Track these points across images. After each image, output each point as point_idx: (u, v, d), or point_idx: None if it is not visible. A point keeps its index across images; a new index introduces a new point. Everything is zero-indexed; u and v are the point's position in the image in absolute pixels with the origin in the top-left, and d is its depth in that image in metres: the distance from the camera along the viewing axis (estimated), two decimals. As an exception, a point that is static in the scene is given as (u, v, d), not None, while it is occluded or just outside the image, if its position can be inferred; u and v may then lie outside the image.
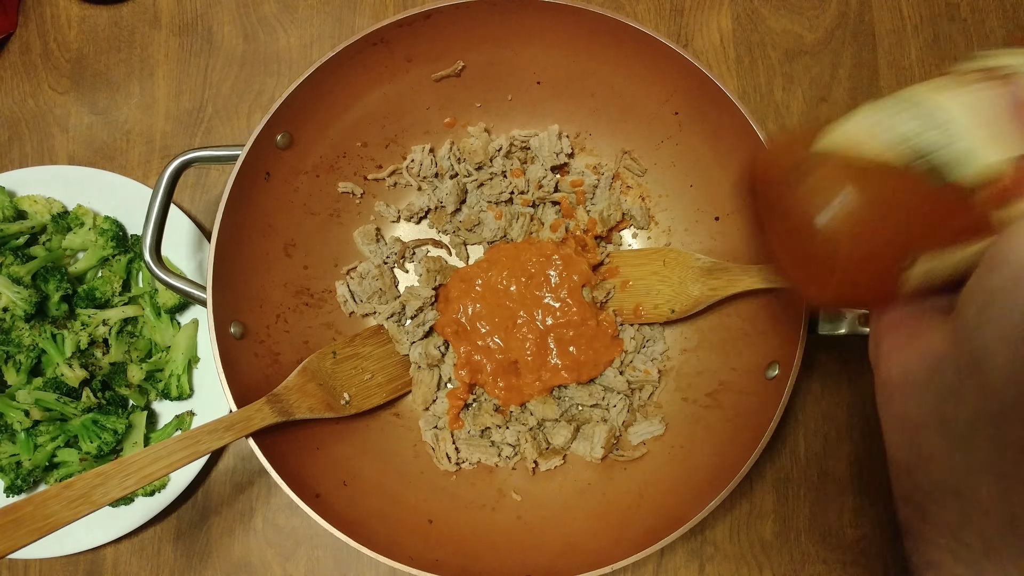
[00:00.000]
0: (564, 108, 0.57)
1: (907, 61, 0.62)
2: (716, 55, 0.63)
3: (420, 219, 0.60)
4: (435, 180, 0.59)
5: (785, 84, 0.62)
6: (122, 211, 0.59)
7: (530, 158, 0.59)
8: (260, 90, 0.63)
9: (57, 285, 0.56)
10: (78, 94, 0.63)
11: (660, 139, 0.56)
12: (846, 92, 0.62)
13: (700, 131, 0.54)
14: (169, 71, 0.64)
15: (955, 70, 0.30)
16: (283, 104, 0.49)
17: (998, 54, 0.30)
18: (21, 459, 0.55)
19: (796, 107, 0.62)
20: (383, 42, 0.51)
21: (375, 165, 0.58)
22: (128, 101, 0.63)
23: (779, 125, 0.61)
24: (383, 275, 0.57)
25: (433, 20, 0.51)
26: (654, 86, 0.53)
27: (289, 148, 0.52)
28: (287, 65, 0.63)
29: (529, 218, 0.58)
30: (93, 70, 0.64)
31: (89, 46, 0.64)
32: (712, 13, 0.63)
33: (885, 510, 0.55)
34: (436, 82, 0.55)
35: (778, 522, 0.56)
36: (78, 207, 0.59)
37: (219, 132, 0.62)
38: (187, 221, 0.58)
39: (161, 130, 0.63)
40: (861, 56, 0.62)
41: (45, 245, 0.59)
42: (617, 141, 0.58)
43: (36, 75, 0.64)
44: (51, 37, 0.64)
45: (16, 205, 0.58)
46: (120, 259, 0.58)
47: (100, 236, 0.58)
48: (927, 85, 0.30)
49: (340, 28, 0.64)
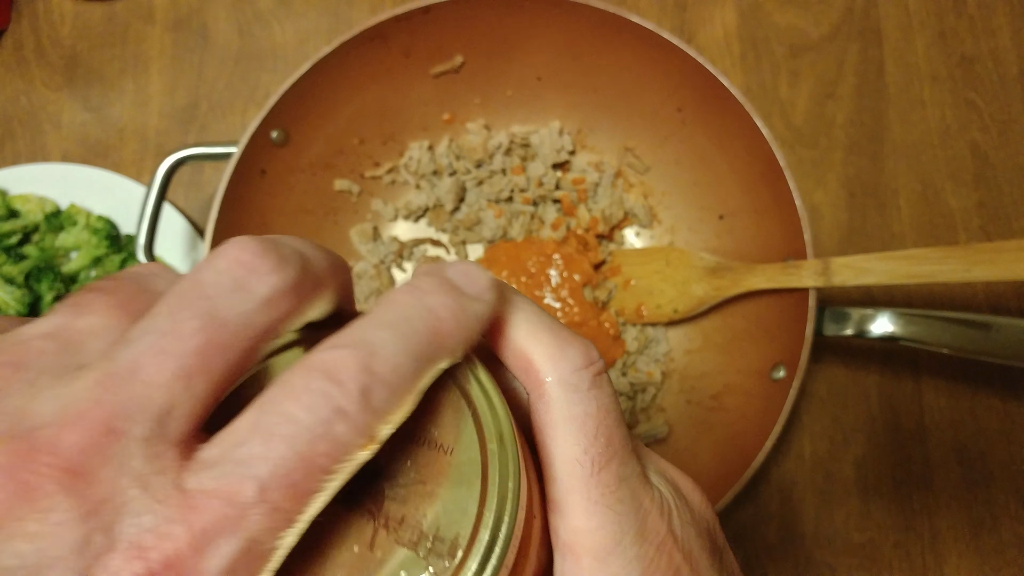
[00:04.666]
0: (565, 104, 0.57)
1: (913, 57, 0.61)
2: (720, 50, 0.62)
3: (418, 218, 0.59)
4: (433, 178, 0.58)
5: (790, 80, 0.61)
6: (116, 209, 0.58)
7: (530, 155, 0.58)
8: (255, 86, 0.62)
9: (50, 285, 0.55)
10: (71, 91, 0.63)
11: (663, 136, 0.55)
12: (852, 88, 0.61)
13: (704, 128, 0.53)
14: (163, 67, 0.63)
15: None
16: (278, 101, 0.48)
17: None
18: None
19: (802, 104, 0.61)
20: (380, 37, 0.50)
21: (372, 162, 0.57)
22: (122, 98, 0.62)
23: (784, 122, 0.60)
24: (381, 275, 0.56)
25: (432, 14, 0.50)
26: (657, 82, 0.52)
27: (285, 145, 0.51)
28: (283, 61, 0.62)
29: (530, 216, 0.57)
30: (86, 67, 0.63)
31: (82, 42, 0.63)
32: (716, 8, 0.62)
33: (890, 514, 0.54)
34: (435, 78, 0.54)
35: (783, 526, 0.55)
36: (71, 206, 0.58)
37: (214, 129, 0.61)
38: (181, 220, 0.57)
39: (155, 127, 0.62)
40: (867, 52, 0.61)
41: (38, 244, 0.58)
42: (619, 138, 0.57)
43: (29, 72, 0.63)
44: (44, 33, 0.63)
45: (8, 204, 0.57)
46: (113, 259, 0.57)
47: (93, 235, 0.57)
48: None
49: (337, 23, 0.63)
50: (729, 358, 0.53)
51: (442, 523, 0.15)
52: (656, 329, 0.56)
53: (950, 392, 0.55)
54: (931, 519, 0.54)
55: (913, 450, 0.55)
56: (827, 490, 0.56)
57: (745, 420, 0.50)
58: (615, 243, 0.58)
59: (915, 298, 0.57)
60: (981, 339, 0.46)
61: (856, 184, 0.59)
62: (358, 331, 0.15)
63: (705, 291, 0.52)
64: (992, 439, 0.54)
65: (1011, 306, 0.57)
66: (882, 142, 0.60)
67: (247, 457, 0.13)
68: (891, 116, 0.60)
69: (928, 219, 0.58)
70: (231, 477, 0.13)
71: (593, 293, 0.55)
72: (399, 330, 0.15)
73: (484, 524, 0.15)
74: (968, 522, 0.53)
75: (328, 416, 0.14)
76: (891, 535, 0.55)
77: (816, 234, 0.58)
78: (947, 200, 0.58)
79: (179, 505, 0.13)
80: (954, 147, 0.59)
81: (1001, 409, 0.55)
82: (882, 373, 0.56)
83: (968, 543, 0.53)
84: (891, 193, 0.59)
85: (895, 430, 0.55)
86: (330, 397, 0.14)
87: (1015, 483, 0.54)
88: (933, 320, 0.46)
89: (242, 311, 0.14)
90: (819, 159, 0.60)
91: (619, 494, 0.18)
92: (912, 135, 0.60)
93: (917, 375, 0.56)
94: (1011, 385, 0.55)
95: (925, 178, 0.59)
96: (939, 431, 0.55)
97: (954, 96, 0.60)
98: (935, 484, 0.54)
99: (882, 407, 0.56)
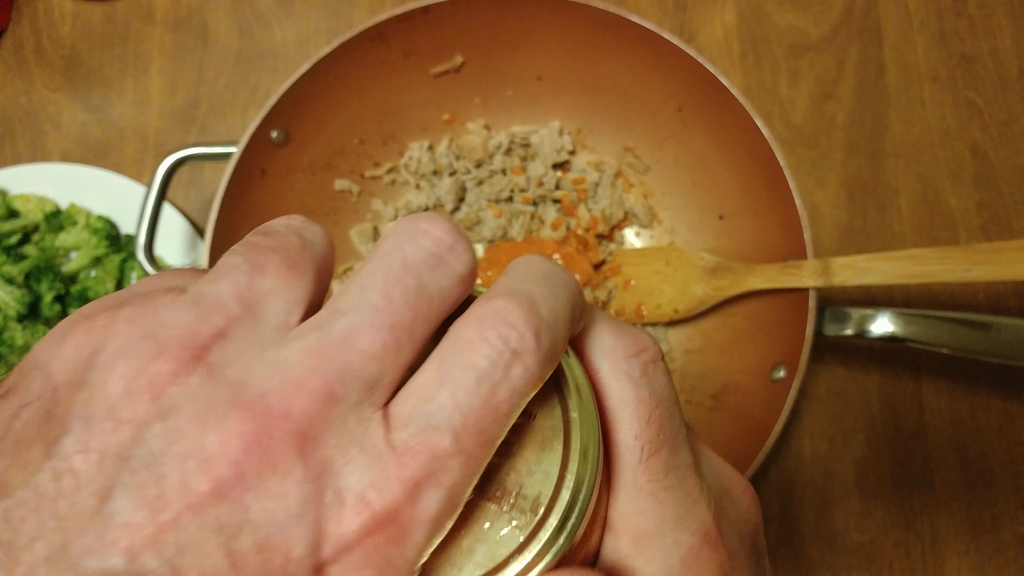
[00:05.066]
0: (565, 104, 0.57)
1: (914, 57, 0.61)
2: (720, 51, 0.62)
3: (419, 218, 0.59)
4: (433, 178, 0.58)
5: (790, 80, 0.61)
6: (115, 209, 0.58)
7: (531, 155, 0.58)
8: (256, 86, 0.62)
9: (50, 285, 0.55)
10: (71, 91, 0.63)
11: (663, 136, 0.55)
12: (852, 89, 0.61)
13: (704, 128, 0.53)
14: (163, 67, 0.63)
15: None
16: (278, 101, 0.48)
17: None
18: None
19: (802, 104, 0.61)
20: (380, 37, 0.50)
21: (372, 162, 0.57)
22: (122, 98, 0.62)
23: (784, 122, 0.60)
24: (381, 275, 0.56)
25: (432, 14, 0.50)
26: (657, 82, 0.52)
27: (285, 145, 0.51)
28: (283, 61, 0.62)
29: (530, 216, 0.57)
30: (87, 67, 0.63)
31: (83, 42, 0.63)
32: (716, 8, 0.62)
33: (890, 514, 0.54)
34: (435, 78, 0.54)
35: (783, 526, 0.55)
36: (71, 206, 0.58)
37: (214, 129, 0.61)
38: (181, 220, 0.57)
39: (155, 127, 0.62)
40: (867, 52, 0.61)
41: (38, 244, 0.58)
42: (619, 138, 0.57)
43: (29, 72, 0.63)
44: (44, 33, 0.63)
45: (8, 204, 0.57)
46: (113, 259, 0.57)
47: (93, 235, 0.57)
48: None
49: (337, 23, 0.63)
50: (729, 358, 0.53)
51: (525, 482, 0.16)
52: (656, 329, 0.56)
53: (950, 392, 0.55)
54: (931, 519, 0.54)
55: (913, 450, 0.55)
56: (827, 490, 0.56)
57: (745, 420, 0.50)
58: (615, 243, 0.58)
59: (915, 298, 0.57)
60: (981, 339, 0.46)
61: (856, 184, 0.59)
62: (510, 284, 0.16)
63: (705, 291, 0.52)
64: (992, 439, 0.54)
65: (1011, 306, 0.57)
66: (882, 142, 0.60)
67: (438, 410, 0.14)
68: (891, 116, 0.60)
69: (928, 219, 0.58)
70: (429, 431, 0.14)
71: (593, 293, 0.55)
72: (547, 283, 0.16)
73: (566, 486, 0.16)
74: (968, 522, 0.53)
75: (507, 360, 0.15)
76: (891, 535, 0.54)
77: (816, 234, 0.58)
78: (947, 200, 0.58)
79: (391, 462, 0.14)
80: (954, 147, 0.59)
81: (1001, 409, 0.55)
82: (882, 373, 0.56)
83: (968, 543, 0.53)
84: (891, 193, 0.59)
85: (895, 430, 0.55)
86: (507, 341, 0.15)
87: (1015, 483, 0.54)
88: (933, 320, 0.46)
89: (444, 287, 0.16)
90: (819, 159, 0.60)
91: (665, 482, 0.18)
92: (912, 135, 0.60)
93: (917, 375, 0.56)
94: (1011, 385, 0.55)
95: (925, 178, 0.59)
96: (939, 431, 0.55)
97: (954, 96, 0.60)
98: (935, 484, 0.54)
99: (882, 407, 0.56)
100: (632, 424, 0.18)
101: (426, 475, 0.14)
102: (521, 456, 0.17)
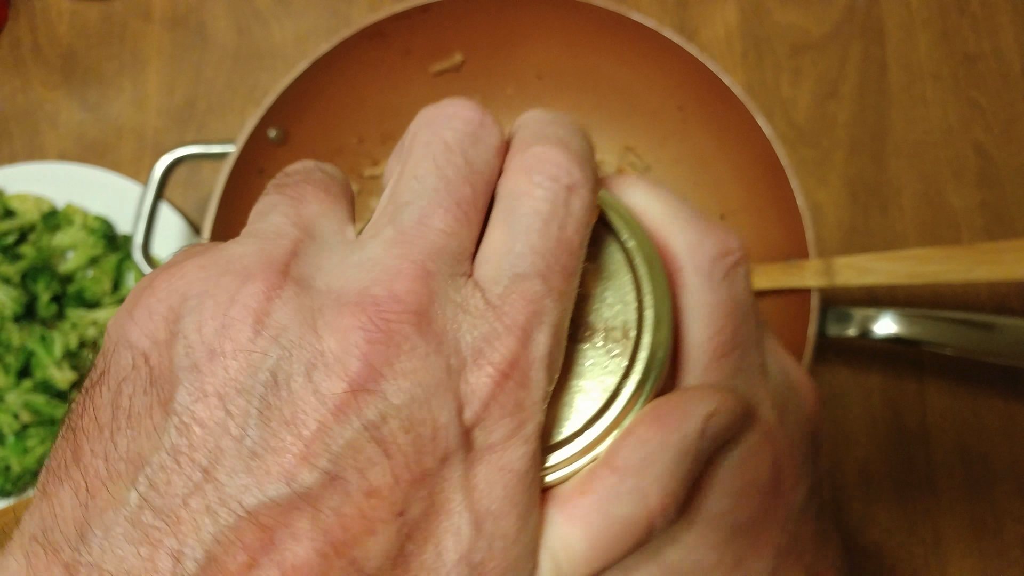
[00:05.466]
0: (565, 103, 0.56)
1: (916, 56, 0.61)
2: (721, 49, 0.61)
3: (418, 217, 0.58)
4: (433, 177, 0.58)
5: (792, 79, 0.61)
6: (112, 209, 0.58)
7: (530, 155, 0.58)
8: (254, 85, 0.62)
9: (46, 285, 0.55)
10: (68, 90, 0.62)
11: (664, 135, 0.55)
12: (854, 87, 0.60)
13: (705, 127, 0.52)
14: (161, 66, 0.62)
15: None
16: (276, 99, 0.48)
17: None
18: (10, 463, 0.54)
19: (803, 103, 0.60)
20: (379, 35, 0.50)
21: (371, 161, 0.57)
22: (119, 97, 0.62)
23: (786, 121, 0.60)
24: (380, 275, 0.56)
25: (431, 12, 0.50)
26: (658, 81, 0.52)
27: (283, 144, 0.51)
28: (281, 59, 0.62)
29: (529, 216, 0.56)
30: (84, 65, 0.63)
31: (80, 41, 0.63)
32: (717, 6, 0.62)
33: (893, 516, 0.54)
34: (434, 76, 0.54)
35: (784, 528, 0.55)
36: (68, 206, 0.57)
37: (212, 128, 0.61)
38: (178, 219, 0.57)
39: (153, 126, 0.61)
40: (869, 51, 0.61)
41: (34, 244, 0.58)
42: (620, 137, 0.57)
43: (26, 70, 0.63)
44: (41, 32, 0.63)
45: (5, 203, 0.57)
46: (110, 258, 0.57)
47: (90, 235, 0.57)
48: None
49: (336, 21, 0.63)
50: (730, 359, 0.53)
51: (608, 316, 0.18)
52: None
53: (953, 393, 0.55)
54: (934, 521, 0.53)
55: (916, 451, 0.54)
56: (828, 493, 0.55)
57: (747, 421, 0.49)
58: (616, 243, 0.58)
59: (918, 298, 0.57)
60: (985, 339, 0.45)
61: (858, 183, 0.59)
62: (533, 133, 0.17)
63: (706, 291, 0.52)
64: (996, 440, 0.54)
65: (1015, 306, 0.57)
66: (884, 141, 0.59)
67: (520, 260, 0.15)
68: (893, 115, 0.60)
69: (931, 219, 0.58)
70: (519, 281, 0.15)
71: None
72: (561, 124, 0.18)
73: (646, 304, 0.17)
74: (971, 524, 0.53)
75: (564, 197, 0.16)
76: (894, 537, 0.54)
77: (818, 234, 0.57)
78: (950, 200, 0.58)
79: (495, 316, 0.15)
80: (957, 146, 0.59)
81: (1005, 410, 0.55)
82: (885, 374, 0.56)
83: (971, 545, 0.53)
84: (893, 192, 0.58)
85: (898, 431, 0.55)
86: (557, 180, 0.16)
87: (1019, 484, 0.53)
88: (936, 320, 0.45)
89: (486, 159, 0.17)
90: (821, 158, 0.59)
91: (733, 382, 0.18)
92: (914, 134, 0.59)
93: (920, 376, 0.55)
94: (1015, 386, 0.55)
95: (928, 177, 0.59)
96: (942, 432, 0.55)
97: (957, 95, 0.60)
98: (938, 485, 0.54)
99: (885, 408, 0.55)
100: (707, 325, 0.18)
101: (529, 318, 0.15)
102: (595, 296, 0.18)
